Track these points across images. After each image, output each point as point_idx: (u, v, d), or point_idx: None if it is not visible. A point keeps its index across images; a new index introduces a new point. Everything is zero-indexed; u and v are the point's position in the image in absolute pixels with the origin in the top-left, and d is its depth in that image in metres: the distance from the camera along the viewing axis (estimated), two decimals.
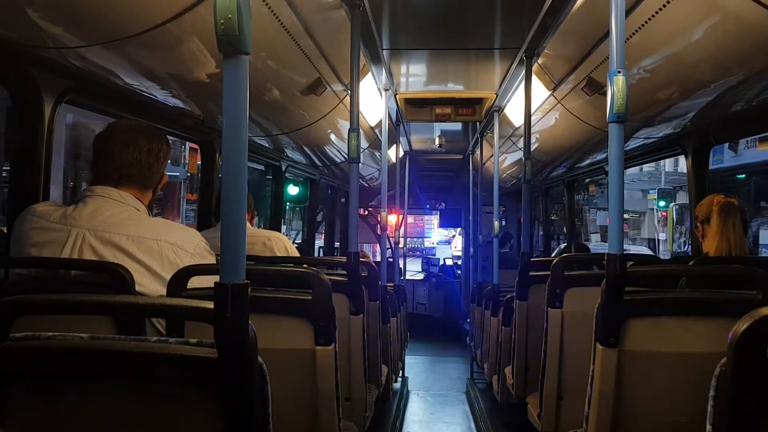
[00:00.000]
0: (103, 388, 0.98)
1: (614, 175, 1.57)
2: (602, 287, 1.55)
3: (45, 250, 1.57)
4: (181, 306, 0.97)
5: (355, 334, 2.37)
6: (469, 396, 5.54)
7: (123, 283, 1.45)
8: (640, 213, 24.60)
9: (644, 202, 23.38)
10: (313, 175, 5.93)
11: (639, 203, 23.89)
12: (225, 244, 0.95)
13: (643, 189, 22.64)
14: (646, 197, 22.81)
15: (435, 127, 6.27)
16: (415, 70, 4.05)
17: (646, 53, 2.29)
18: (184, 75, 2.30)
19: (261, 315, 1.55)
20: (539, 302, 2.49)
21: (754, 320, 0.85)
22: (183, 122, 2.98)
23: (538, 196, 7.21)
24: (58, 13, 1.66)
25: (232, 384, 0.94)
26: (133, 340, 0.99)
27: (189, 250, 1.61)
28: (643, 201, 23.40)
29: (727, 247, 2.14)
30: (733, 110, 2.57)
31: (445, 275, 10.20)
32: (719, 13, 1.83)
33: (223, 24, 0.93)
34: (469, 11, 2.88)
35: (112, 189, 1.65)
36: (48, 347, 0.96)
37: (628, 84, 1.51)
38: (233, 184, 0.96)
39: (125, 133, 1.70)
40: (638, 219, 25.35)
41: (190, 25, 1.84)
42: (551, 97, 3.49)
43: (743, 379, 0.85)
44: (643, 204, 23.56)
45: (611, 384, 1.56)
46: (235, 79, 0.97)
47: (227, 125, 0.96)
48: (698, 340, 1.48)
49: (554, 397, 2.29)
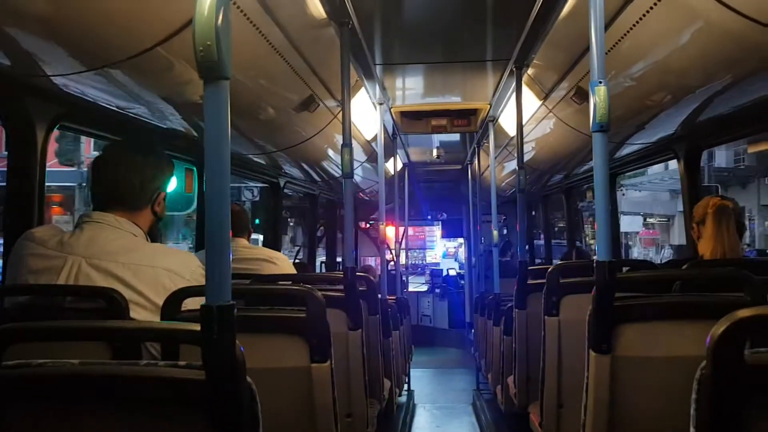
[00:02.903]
0: (94, 413, 0.99)
1: (600, 183, 1.58)
2: (593, 294, 1.56)
3: (42, 278, 1.59)
4: (168, 329, 0.99)
5: (353, 349, 2.37)
6: (475, 407, 5.52)
7: (117, 308, 1.46)
8: (669, 217, 23.03)
9: (672, 204, 21.42)
10: (312, 190, 5.95)
11: (666, 206, 22.30)
12: (210, 266, 0.96)
13: (671, 189, 20.67)
14: (675, 199, 20.73)
15: (433, 139, 6.30)
16: (409, 84, 4.08)
17: (631, 61, 2.31)
18: (175, 97, 2.34)
19: (254, 334, 1.57)
20: (538, 310, 2.50)
21: (730, 323, 0.86)
22: (177, 143, 3.01)
23: (537, 204, 7.22)
24: (49, 41, 1.69)
25: (221, 405, 0.95)
26: (123, 365, 1.01)
27: (185, 276, 1.62)
28: (671, 203, 21.59)
29: (721, 250, 2.15)
30: (721, 114, 2.59)
31: (449, 286, 10.18)
32: (701, 21, 1.85)
33: (202, 51, 0.95)
34: (458, 24, 2.91)
35: (109, 215, 1.66)
36: (38, 374, 0.97)
37: (609, 94, 1.53)
38: (216, 207, 0.97)
39: (110, 156, 1.71)
40: (667, 223, 23.72)
41: (179, 49, 1.86)
42: (543, 106, 3.52)
43: (722, 381, 0.86)
44: (671, 206, 21.80)
45: (606, 390, 1.57)
46: (216, 103, 0.99)
47: (209, 148, 0.98)
48: (689, 344, 1.48)
49: (554, 405, 2.29)
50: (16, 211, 2.04)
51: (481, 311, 5.93)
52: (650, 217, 24.71)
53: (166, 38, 1.79)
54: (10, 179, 2.05)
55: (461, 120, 4.76)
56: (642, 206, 23.43)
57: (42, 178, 2.07)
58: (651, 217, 24.65)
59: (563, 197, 5.88)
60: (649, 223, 25.02)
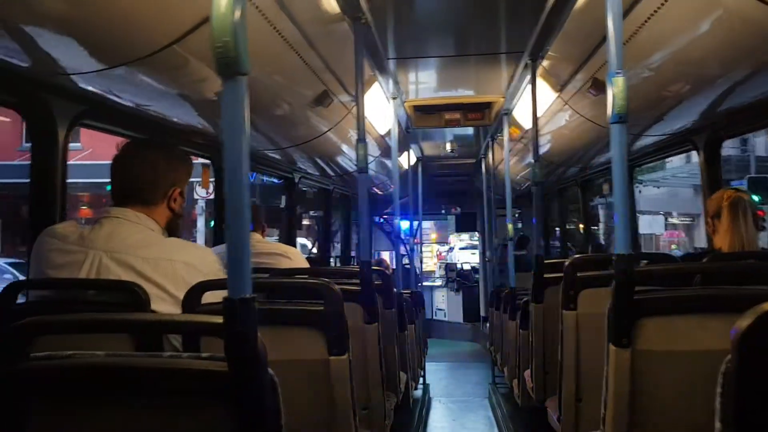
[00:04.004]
0: (119, 403, 1.00)
1: (618, 175, 1.57)
2: (612, 287, 1.55)
3: (63, 272, 1.61)
4: (192, 322, 1.00)
5: (370, 342, 2.38)
6: (491, 401, 5.51)
7: (138, 301, 1.48)
8: (693, 216, 20.39)
9: (696, 202, 18.16)
10: (326, 185, 5.97)
11: (691, 204, 19.69)
12: (230, 260, 0.97)
13: (695, 185, 18.06)
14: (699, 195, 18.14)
15: (447, 133, 6.28)
16: (423, 78, 4.08)
17: (650, 51, 2.29)
18: (192, 93, 2.35)
19: (274, 327, 1.58)
20: (555, 304, 2.48)
21: (757, 315, 0.85)
22: (195, 139, 3.04)
23: (553, 198, 7.18)
24: (68, 40, 1.71)
25: (244, 396, 0.96)
26: (148, 356, 1.02)
27: (203, 269, 1.64)
28: (695, 200, 18.75)
29: (739, 243, 2.12)
30: (741, 104, 2.55)
31: (464, 280, 10.17)
32: (720, 9, 1.83)
33: (219, 47, 0.96)
34: (472, 17, 2.90)
35: (128, 210, 1.68)
36: (66, 366, 0.98)
37: (627, 84, 1.51)
38: (236, 201, 0.98)
39: (126, 152, 1.74)
40: (692, 224, 20.99)
41: (196, 45, 1.88)
42: (558, 98, 3.49)
43: (748, 375, 0.85)
44: (696, 204, 18.83)
45: (626, 384, 1.55)
46: (234, 99, 0.99)
47: (228, 143, 0.99)
48: (712, 337, 1.47)
49: (573, 399, 2.28)
50: (40, 208, 2.07)
51: (496, 305, 5.91)
52: (671, 217, 21.95)
53: (183, 35, 1.81)
54: (33, 177, 2.09)
55: (475, 113, 4.74)
56: (662, 204, 20.76)
57: (64, 175, 2.11)
58: (672, 216, 21.92)
59: (579, 191, 5.84)
60: (670, 223, 22.20)
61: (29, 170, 2.09)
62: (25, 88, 2.01)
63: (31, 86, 2.00)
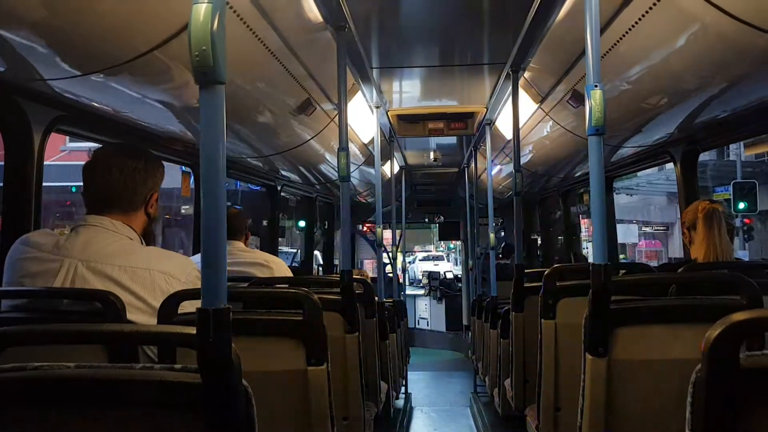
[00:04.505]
0: (90, 416, 0.99)
1: (596, 186, 1.59)
2: (589, 297, 1.57)
3: (38, 281, 1.58)
4: (164, 333, 0.99)
5: (350, 352, 2.36)
6: (472, 410, 5.52)
7: (114, 311, 1.46)
8: (667, 224, 19.92)
9: (671, 210, 18.46)
10: (309, 193, 5.95)
11: (664, 212, 19.52)
12: (205, 269, 0.96)
13: (670, 192, 17.62)
14: (674, 203, 17.05)
15: (430, 142, 6.31)
16: (406, 87, 4.09)
17: (628, 64, 2.32)
18: (172, 100, 2.34)
19: (251, 337, 1.57)
20: (535, 313, 2.50)
21: (725, 326, 0.86)
22: (174, 147, 3.01)
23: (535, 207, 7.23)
24: (45, 45, 1.69)
25: (217, 408, 0.95)
26: (118, 368, 1.00)
27: (181, 279, 1.62)
28: (669, 209, 18.78)
29: (714, 253, 2.15)
30: (717, 117, 2.60)
31: (446, 289, 10.18)
32: (696, 24, 1.86)
33: (197, 56, 0.96)
34: (455, 28, 2.92)
35: (105, 218, 1.66)
36: (34, 378, 0.96)
37: (605, 97, 1.53)
38: (212, 209, 0.97)
39: (102, 159, 1.70)
40: (665, 232, 20.49)
41: (175, 53, 1.87)
42: (539, 109, 3.53)
43: (717, 384, 0.86)
44: (669, 213, 19.00)
45: (602, 393, 1.57)
46: (212, 108, 0.99)
47: (205, 153, 0.98)
48: (686, 347, 1.49)
49: (551, 408, 2.29)
50: (14, 215, 2.04)
51: (478, 314, 5.93)
52: (646, 226, 21.43)
53: (162, 42, 1.80)
54: (6, 183, 2.05)
55: (458, 123, 4.77)
56: (635, 212, 20.28)
57: (39, 182, 2.07)
58: (647, 225, 21.37)
59: (560, 200, 5.90)
60: (645, 232, 21.73)
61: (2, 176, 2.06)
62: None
63: (5, 90, 1.97)
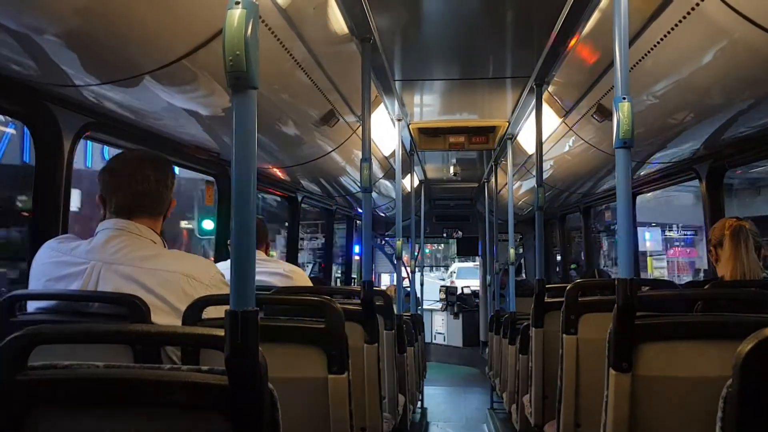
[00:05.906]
0: (117, 415, 1.00)
1: (623, 200, 1.57)
2: (614, 312, 1.55)
3: (63, 284, 1.61)
4: (193, 334, 1.00)
5: (369, 363, 2.36)
6: (489, 426, 5.45)
7: (138, 313, 1.48)
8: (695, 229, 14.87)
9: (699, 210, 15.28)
10: (329, 205, 5.98)
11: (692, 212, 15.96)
12: (235, 272, 0.97)
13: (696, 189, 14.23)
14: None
15: (450, 156, 6.31)
16: (428, 100, 4.11)
17: (654, 79, 2.31)
18: (199, 110, 2.37)
19: (274, 344, 1.57)
20: (555, 329, 2.47)
21: (758, 341, 0.85)
22: (199, 156, 3.05)
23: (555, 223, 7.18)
24: (76, 52, 1.73)
25: (243, 410, 0.95)
26: (147, 368, 1.01)
27: (204, 281, 1.63)
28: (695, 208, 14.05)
29: (741, 271, 2.12)
30: (745, 134, 2.57)
31: (464, 304, 10.10)
32: (725, 39, 1.85)
33: (231, 61, 0.97)
34: (479, 42, 2.93)
35: (129, 222, 1.68)
36: (64, 376, 0.98)
37: (633, 110, 1.52)
38: (242, 216, 0.99)
39: (131, 165, 1.73)
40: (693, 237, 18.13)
41: (204, 61, 1.90)
42: (562, 124, 3.51)
43: (749, 399, 0.85)
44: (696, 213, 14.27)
45: (625, 409, 1.54)
46: (244, 113, 1.01)
47: (237, 157, 1.00)
48: (711, 364, 1.46)
49: (572, 424, 2.26)
50: (43, 220, 2.07)
51: (496, 330, 5.88)
52: (669, 230, 17.79)
53: (191, 51, 1.83)
54: (36, 188, 2.09)
55: (479, 137, 4.76)
56: (655, 214, 16.81)
57: (68, 187, 2.11)
58: (669, 229, 17.71)
59: (581, 216, 5.85)
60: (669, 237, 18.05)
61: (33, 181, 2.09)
62: (31, 98, 2.02)
63: (37, 96, 2.01)
